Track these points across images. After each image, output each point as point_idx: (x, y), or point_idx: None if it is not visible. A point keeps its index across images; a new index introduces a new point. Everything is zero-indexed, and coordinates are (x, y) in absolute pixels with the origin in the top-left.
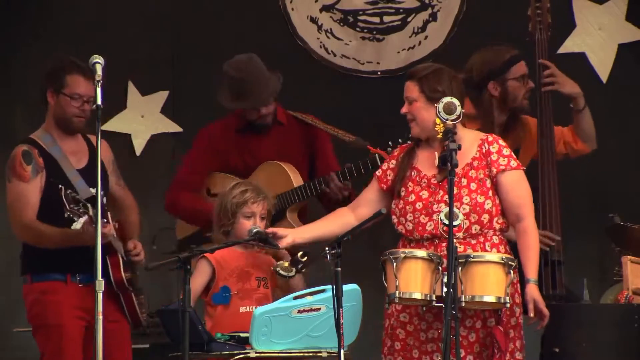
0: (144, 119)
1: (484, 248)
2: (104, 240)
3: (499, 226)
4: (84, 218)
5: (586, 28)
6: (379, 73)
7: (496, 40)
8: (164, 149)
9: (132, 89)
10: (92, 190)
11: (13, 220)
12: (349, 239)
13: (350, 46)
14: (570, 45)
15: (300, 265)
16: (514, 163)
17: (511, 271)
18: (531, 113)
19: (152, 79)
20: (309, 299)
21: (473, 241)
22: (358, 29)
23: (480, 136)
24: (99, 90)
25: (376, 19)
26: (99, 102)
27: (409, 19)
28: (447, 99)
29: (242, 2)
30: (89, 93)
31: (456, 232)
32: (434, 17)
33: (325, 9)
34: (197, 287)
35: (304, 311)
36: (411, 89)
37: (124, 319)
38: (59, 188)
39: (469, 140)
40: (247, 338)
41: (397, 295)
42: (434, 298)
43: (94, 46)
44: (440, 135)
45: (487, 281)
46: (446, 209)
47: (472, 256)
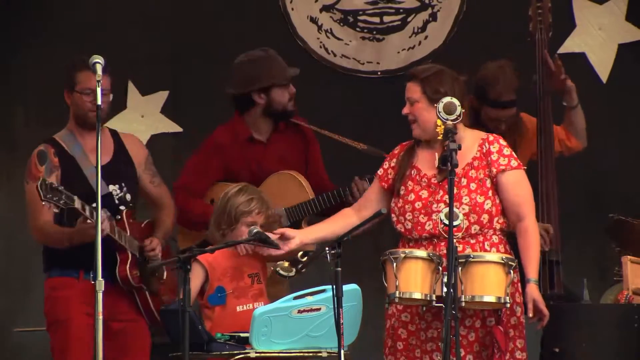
0: (144, 119)
1: (483, 247)
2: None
3: (499, 226)
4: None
5: (586, 28)
6: (379, 73)
7: (496, 41)
8: (164, 149)
9: (132, 89)
10: (110, 187)
11: (30, 222)
12: (349, 239)
13: (350, 46)
14: (570, 45)
15: (300, 265)
16: (514, 163)
17: (511, 271)
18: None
19: (152, 79)
20: (309, 299)
21: (472, 240)
22: (358, 29)
23: (481, 136)
24: (99, 90)
25: (376, 19)
26: (99, 102)
27: (409, 19)
28: (447, 99)
29: (242, 2)
30: (100, 87)
31: (456, 232)
32: (434, 17)
33: (325, 9)
34: (192, 290)
35: (304, 311)
36: (413, 90)
37: (141, 318)
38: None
39: (470, 140)
40: (247, 338)
41: (397, 295)
42: (434, 298)
43: (94, 46)
44: (440, 136)
45: (487, 281)
46: (446, 209)
47: (472, 256)
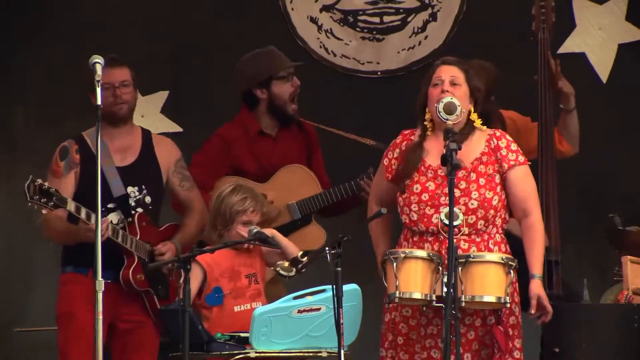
0: (144, 119)
1: (487, 246)
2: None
3: (500, 222)
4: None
5: (586, 28)
6: (379, 73)
7: (496, 40)
8: None
9: None
10: (129, 189)
11: (41, 215)
12: (349, 238)
13: (350, 46)
14: (570, 45)
15: (300, 265)
16: (521, 158)
17: (511, 271)
18: (496, 108)
19: (152, 79)
20: (309, 299)
21: (478, 239)
22: (358, 29)
23: (487, 131)
24: (99, 90)
25: (376, 19)
26: (99, 102)
27: (409, 19)
28: (448, 99)
29: (242, 2)
30: (118, 78)
31: (458, 231)
32: (434, 17)
33: (325, 9)
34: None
35: (304, 311)
36: (457, 74)
37: (149, 320)
38: (29, 179)
39: (477, 135)
40: (247, 338)
41: (397, 295)
42: (434, 298)
43: (94, 46)
44: (478, 124)
45: (487, 281)
46: (446, 209)
47: (472, 256)
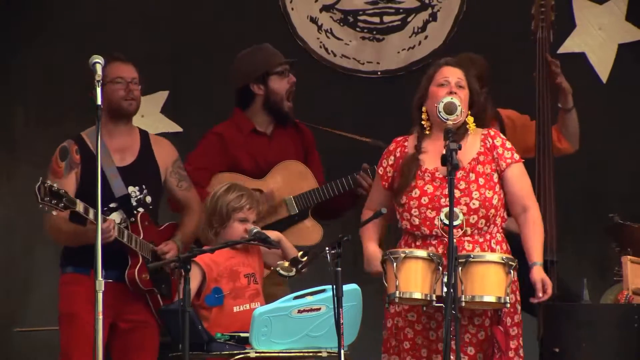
0: (144, 119)
1: (490, 245)
2: (103, 237)
3: (500, 221)
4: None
5: (586, 28)
6: (379, 73)
7: (496, 40)
8: None
9: None
10: (130, 189)
11: (44, 217)
12: (349, 239)
13: (350, 46)
14: (570, 45)
15: (300, 265)
16: (516, 156)
17: (511, 271)
18: (494, 106)
19: (152, 79)
20: (309, 299)
21: (481, 239)
22: (358, 29)
23: (481, 131)
24: (99, 90)
25: (376, 19)
26: (99, 102)
27: (409, 19)
28: (448, 99)
29: (242, 2)
30: (130, 75)
31: (459, 231)
32: (434, 17)
33: (325, 9)
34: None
35: (304, 311)
36: (462, 77)
37: (151, 320)
38: (39, 180)
39: (472, 135)
40: (247, 338)
41: (397, 295)
42: (434, 298)
43: (94, 46)
44: (472, 127)
45: (487, 281)
46: (446, 209)
47: (472, 256)
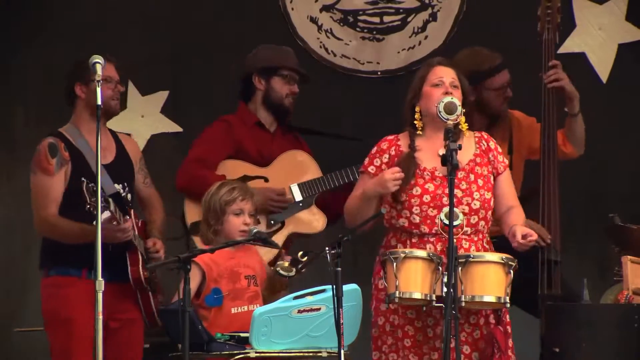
0: (144, 119)
1: (483, 245)
2: (124, 236)
3: (490, 223)
4: (105, 214)
5: (586, 28)
6: (379, 73)
7: (496, 41)
8: (164, 149)
9: (132, 89)
10: (117, 186)
11: (35, 213)
12: (349, 239)
13: (350, 46)
14: (570, 45)
15: (300, 265)
16: (506, 160)
17: (511, 271)
18: (515, 107)
19: (152, 79)
20: (309, 299)
21: (475, 238)
22: (358, 29)
23: (474, 133)
24: (99, 90)
25: (376, 19)
26: (99, 102)
27: (409, 19)
28: (448, 98)
29: (242, 2)
30: (116, 75)
31: (459, 230)
32: (434, 17)
33: (325, 9)
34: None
35: (304, 311)
36: (455, 76)
37: (140, 318)
38: (81, 181)
39: (467, 136)
40: (247, 338)
41: (397, 295)
42: (434, 298)
43: (94, 46)
44: (464, 127)
45: (487, 281)
46: (446, 209)
47: (472, 256)
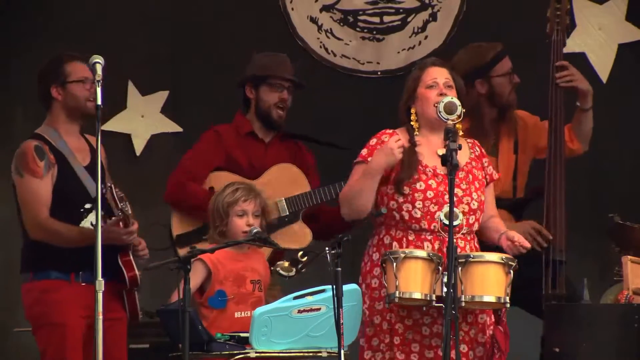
0: (144, 119)
1: (475, 245)
2: (129, 239)
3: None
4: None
5: (586, 28)
6: (379, 73)
7: (496, 40)
8: (164, 149)
9: (132, 89)
10: (103, 186)
11: (27, 217)
12: (349, 239)
13: (350, 46)
14: (571, 45)
15: (300, 265)
16: (495, 173)
17: (511, 271)
18: (518, 107)
19: (152, 79)
20: (309, 299)
21: (469, 237)
22: (358, 29)
23: (466, 139)
24: (99, 90)
25: (376, 19)
26: (99, 102)
27: (409, 19)
28: (448, 98)
29: (242, 2)
30: (89, 74)
31: (458, 230)
32: (434, 17)
33: (325, 9)
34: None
35: (304, 311)
36: (449, 76)
37: (124, 316)
38: (108, 187)
39: (461, 140)
40: (247, 338)
41: (397, 295)
42: (433, 298)
43: (94, 46)
44: (458, 127)
45: (487, 281)
46: (446, 209)
47: (472, 256)
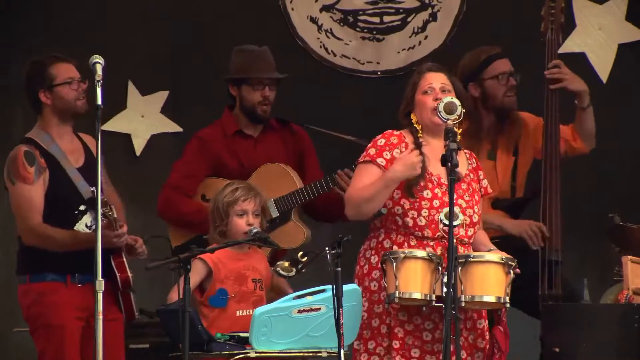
0: (144, 119)
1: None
2: (119, 242)
3: None
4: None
5: (586, 28)
6: (379, 73)
7: (496, 40)
8: (164, 149)
9: (132, 89)
10: (93, 189)
11: (20, 223)
12: (349, 239)
13: (350, 46)
14: (570, 45)
15: (300, 265)
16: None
17: (511, 271)
18: (517, 109)
19: (152, 79)
20: (309, 299)
21: (467, 245)
22: (358, 29)
23: (464, 150)
24: (99, 90)
25: (376, 19)
26: (99, 102)
27: (409, 19)
28: (448, 99)
29: (242, 2)
30: (77, 74)
31: (457, 232)
32: (434, 17)
33: (325, 9)
34: (190, 287)
35: (304, 311)
36: (446, 81)
37: (121, 317)
38: (91, 191)
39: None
40: (247, 338)
41: (397, 295)
42: (433, 298)
43: (94, 46)
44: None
45: (487, 281)
46: (446, 209)
47: (472, 256)
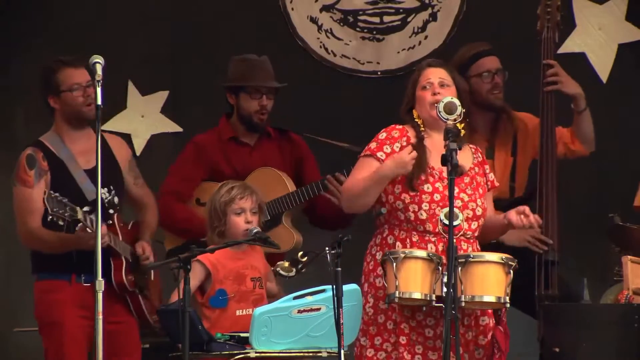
0: (144, 119)
1: (478, 249)
2: (103, 243)
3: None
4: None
5: (586, 28)
6: (379, 73)
7: (496, 40)
8: (164, 149)
9: (132, 89)
10: (100, 190)
11: (18, 226)
12: (349, 239)
13: (350, 46)
14: (570, 45)
15: (300, 265)
16: (496, 181)
17: (511, 271)
18: (510, 108)
19: (152, 79)
20: (309, 299)
21: (472, 240)
22: (358, 29)
23: (469, 145)
24: (99, 90)
25: (376, 19)
26: (99, 102)
27: (409, 19)
28: (448, 98)
29: (242, 2)
30: (84, 79)
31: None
32: (434, 17)
33: (325, 9)
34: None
35: (304, 311)
36: (445, 76)
37: (132, 319)
38: (43, 192)
39: (464, 146)
40: (247, 338)
41: (397, 295)
42: (433, 298)
43: (94, 46)
44: (460, 126)
45: (487, 281)
46: (446, 209)
47: (472, 256)
